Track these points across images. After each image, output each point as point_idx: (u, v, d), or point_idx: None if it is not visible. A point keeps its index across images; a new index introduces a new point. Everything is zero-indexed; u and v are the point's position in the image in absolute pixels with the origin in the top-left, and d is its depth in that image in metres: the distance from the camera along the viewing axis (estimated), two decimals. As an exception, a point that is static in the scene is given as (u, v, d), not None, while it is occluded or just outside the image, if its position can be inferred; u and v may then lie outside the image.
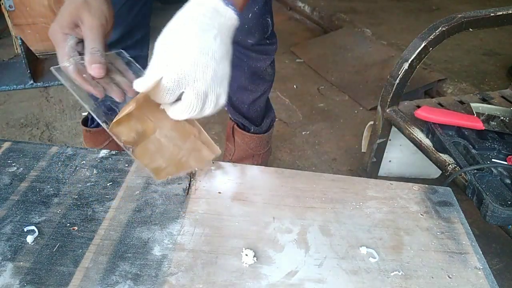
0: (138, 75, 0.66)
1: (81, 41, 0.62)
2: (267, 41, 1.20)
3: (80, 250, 0.56)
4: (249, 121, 1.36)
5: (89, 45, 0.60)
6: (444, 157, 1.07)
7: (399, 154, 1.52)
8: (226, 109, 1.38)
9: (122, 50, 0.72)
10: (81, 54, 0.62)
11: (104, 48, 0.62)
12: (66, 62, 0.60)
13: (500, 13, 1.19)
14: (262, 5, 1.11)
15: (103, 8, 0.62)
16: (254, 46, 1.18)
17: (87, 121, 1.40)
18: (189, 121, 0.68)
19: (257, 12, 1.11)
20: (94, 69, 0.60)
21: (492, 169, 0.97)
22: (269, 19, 1.17)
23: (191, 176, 0.71)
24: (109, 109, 0.66)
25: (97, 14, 0.61)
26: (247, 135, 1.38)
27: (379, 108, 1.32)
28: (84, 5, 0.61)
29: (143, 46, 1.24)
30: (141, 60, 1.28)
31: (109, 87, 0.63)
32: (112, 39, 1.13)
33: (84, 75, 0.61)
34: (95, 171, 0.70)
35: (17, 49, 2.53)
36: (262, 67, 1.24)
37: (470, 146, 1.05)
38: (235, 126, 1.40)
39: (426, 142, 1.14)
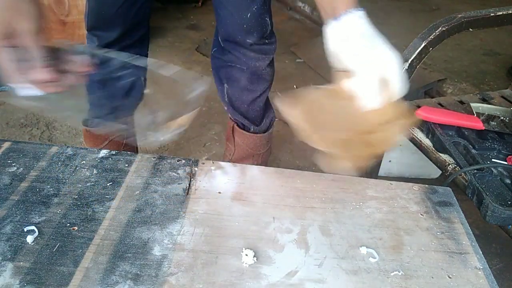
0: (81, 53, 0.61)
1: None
2: (266, 41, 1.20)
3: (80, 250, 0.56)
4: (249, 121, 1.36)
5: (35, 54, 0.56)
6: (444, 157, 1.07)
7: (399, 154, 1.52)
8: (225, 108, 1.38)
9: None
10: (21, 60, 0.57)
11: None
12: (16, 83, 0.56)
13: (500, 13, 1.19)
14: (261, 5, 1.11)
15: (32, 9, 0.55)
16: (253, 45, 1.18)
17: (87, 121, 1.40)
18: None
19: (256, 12, 1.11)
20: (44, 74, 0.56)
21: (492, 169, 0.97)
22: (268, 19, 1.17)
23: (191, 176, 0.71)
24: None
25: (32, 19, 0.55)
26: (247, 135, 1.38)
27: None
28: (14, 12, 0.54)
29: (143, 45, 1.24)
30: (141, 60, 1.28)
31: (65, 78, 0.59)
32: (111, 38, 1.13)
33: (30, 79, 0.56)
34: (95, 171, 0.70)
35: (17, 49, 2.53)
36: (261, 67, 1.24)
37: (470, 146, 1.05)
38: (235, 126, 1.40)
39: (426, 142, 1.14)
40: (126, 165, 0.72)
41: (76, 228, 0.59)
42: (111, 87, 1.22)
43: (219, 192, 0.68)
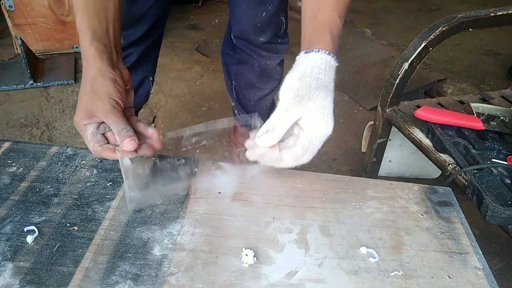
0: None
1: (102, 122, 0.65)
2: (279, 40, 1.20)
3: (80, 250, 0.56)
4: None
5: (114, 129, 0.63)
6: (444, 157, 1.07)
7: (399, 154, 1.52)
8: (233, 105, 1.38)
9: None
10: (104, 134, 0.65)
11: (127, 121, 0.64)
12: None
13: (500, 13, 1.19)
14: (278, 3, 1.10)
15: (110, 90, 0.62)
16: (266, 44, 1.17)
17: None
18: None
19: (271, 10, 1.10)
20: (127, 144, 0.61)
21: (492, 169, 0.97)
22: (283, 18, 1.16)
23: (191, 176, 0.71)
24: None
25: (106, 100, 0.62)
26: (248, 134, 1.38)
27: (379, 108, 1.32)
28: (92, 95, 0.62)
29: (157, 44, 1.25)
30: (152, 59, 1.28)
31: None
32: (135, 37, 1.13)
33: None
34: (95, 171, 0.70)
35: (17, 49, 2.53)
36: (271, 65, 1.24)
37: (470, 146, 1.05)
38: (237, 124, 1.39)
39: (426, 142, 1.14)
40: (126, 165, 0.72)
41: (76, 228, 0.59)
42: None
43: (219, 192, 0.68)
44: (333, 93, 0.61)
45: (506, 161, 1.01)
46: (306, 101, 0.59)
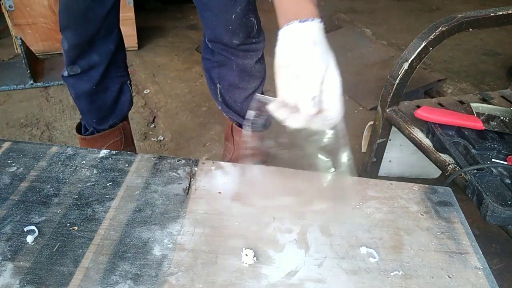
0: None
1: None
2: (253, 40, 1.20)
3: (80, 250, 0.56)
4: (244, 119, 1.35)
5: None
6: (444, 157, 1.07)
7: (399, 154, 1.52)
8: (220, 108, 1.38)
9: None
10: None
11: None
12: None
13: (500, 13, 1.19)
14: (245, 5, 1.10)
15: None
16: (240, 46, 1.17)
17: (81, 127, 1.38)
18: None
19: (240, 12, 1.10)
20: None
21: (492, 169, 0.97)
22: (253, 19, 1.16)
23: (191, 176, 0.71)
24: None
25: None
26: None
27: (379, 108, 1.32)
28: None
29: (120, 48, 1.22)
30: (122, 62, 1.26)
31: None
32: (80, 40, 1.11)
33: None
34: (95, 171, 0.70)
35: (17, 49, 2.53)
36: (250, 64, 1.24)
37: (470, 146, 1.05)
38: (234, 125, 1.40)
39: (426, 142, 1.14)
40: (126, 165, 0.72)
41: (76, 228, 0.59)
42: (99, 99, 1.22)
43: (219, 192, 0.68)
44: None
45: (506, 161, 1.01)
46: (326, 63, 0.61)
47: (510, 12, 1.20)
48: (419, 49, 1.17)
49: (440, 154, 1.08)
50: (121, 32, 1.21)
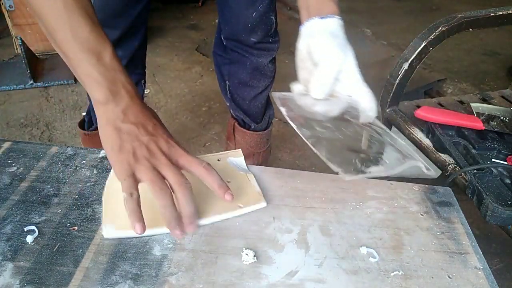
0: None
1: None
2: (270, 40, 1.20)
3: (80, 250, 0.56)
4: (250, 118, 1.36)
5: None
6: (444, 157, 1.07)
7: (399, 154, 1.52)
8: (227, 105, 1.38)
9: None
10: None
11: None
12: None
13: (500, 13, 1.19)
14: (268, 3, 1.11)
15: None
16: (257, 44, 1.18)
17: (84, 124, 1.38)
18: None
19: (261, 10, 1.11)
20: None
21: (492, 169, 0.97)
22: (273, 17, 1.17)
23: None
24: None
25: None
26: (247, 133, 1.39)
27: (379, 108, 1.32)
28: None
29: (143, 46, 1.24)
30: (141, 61, 1.27)
31: None
32: (114, 36, 1.13)
33: None
34: (95, 171, 0.70)
35: (17, 49, 2.53)
36: (263, 63, 1.24)
37: (470, 146, 1.05)
38: (236, 124, 1.40)
39: (426, 142, 1.14)
40: (126, 165, 0.72)
41: (76, 228, 0.59)
42: None
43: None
44: None
45: (506, 161, 1.01)
46: (345, 53, 0.63)
47: (510, 12, 1.20)
48: (419, 49, 1.17)
49: (440, 154, 1.09)
50: (147, 30, 1.21)
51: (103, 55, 0.58)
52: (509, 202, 0.88)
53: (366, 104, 0.64)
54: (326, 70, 0.62)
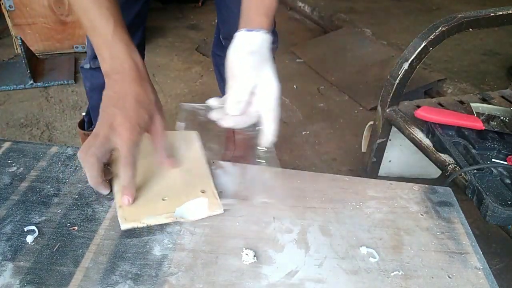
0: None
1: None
2: None
3: (80, 250, 0.56)
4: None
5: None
6: (444, 157, 1.07)
7: (399, 154, 1.52)
8: None
9: None
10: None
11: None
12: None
13: (500, 13, 1.19)
14: None
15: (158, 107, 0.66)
16: None
17: (84, 124, 1.38)
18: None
19: None
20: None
21: (492, 169, 0.97)
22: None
23: (191, 176, 0.71)
24: None
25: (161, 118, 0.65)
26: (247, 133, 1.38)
27: (379, 108, 1.32)
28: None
29: (141, 48, 1.24)
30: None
31: None
32: None
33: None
34: (95, 171, 0.70)
35: (17, 49, 2.53)
36: None
37: (470, 146, 1.05)
38: None
39: (426, 142, 1.14)
40: (126, 165, 0.72)
41: (76, 228, 0.59)
42: None
43: (220, 192, 0.68)
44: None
45: (506, 161, 1.01)
46: (260, 71, 0.67)
47: (510, 12, 1.20)
48: (419, 49, 1.17)
49: (440, 154, 1.09)
50: (145, 30, 1.22)
51: (106, 35, 0.65)
52: (509, 202, 0.88)
53: (267, 129, 0.67)
54: (239, 89, 0.65)
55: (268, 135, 0.68)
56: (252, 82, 0.66)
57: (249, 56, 0.66)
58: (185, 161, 0.71)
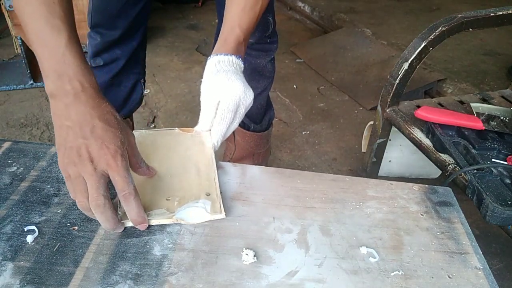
0: None
1: None
2: (268, 40, 1.20)
3: (80, 250, 0.56)
4: (249, 119, 1.36)
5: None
6: (444, 157, 1.07)
7: (399, 154, 1.52)
8: None
9: None
10: None
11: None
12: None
13: (500, 13, 1.19)
14: None
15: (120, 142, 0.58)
16: (254, 44, 1.18)
17: None
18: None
19: None
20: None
21: (492, 169, 0.97)
22: (271, 18, 1.17)
23: (191, 176, 0.71)
24: None
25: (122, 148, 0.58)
26: (247, 134, 1.38)
27: (379, 108, 1.32)
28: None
29: (143, 45, 1.24)
30: (141, 60, 1.28)
31: None
32: (114, 36, 1.13)
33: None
34: (95, 171, 0.70)
35: (17, 49, 2.53)
36: (261, 64, 1.24)
37: (470, 146, 1.05)
38: None
39: (426, 142, 1.14)
40: (126, 165, 0.72)
41: (76, 228, 0.59)
42: (112, 93, 1.23)
43: (220, 192, 0.68)
44: (243, 75, 0.76)
45: (506, 161, 1.01)
46: (221, 86, 0.71)
47: (510, 12, 1.20)
48: (419, 49, 1.17)
49: (440, 154, 1.09)
50: (146, 30, 1.23)
51: (56, 49, 0.57)
52: (509, 202, 0.88)
53: (212, 131, 0.74)
54: (205, 107, 0.72)
55: (213, 136, 0.74)
56: (215, 98, 0.70)
57: (213, 76, 0.72)
58: (196, 163, 0.71)
